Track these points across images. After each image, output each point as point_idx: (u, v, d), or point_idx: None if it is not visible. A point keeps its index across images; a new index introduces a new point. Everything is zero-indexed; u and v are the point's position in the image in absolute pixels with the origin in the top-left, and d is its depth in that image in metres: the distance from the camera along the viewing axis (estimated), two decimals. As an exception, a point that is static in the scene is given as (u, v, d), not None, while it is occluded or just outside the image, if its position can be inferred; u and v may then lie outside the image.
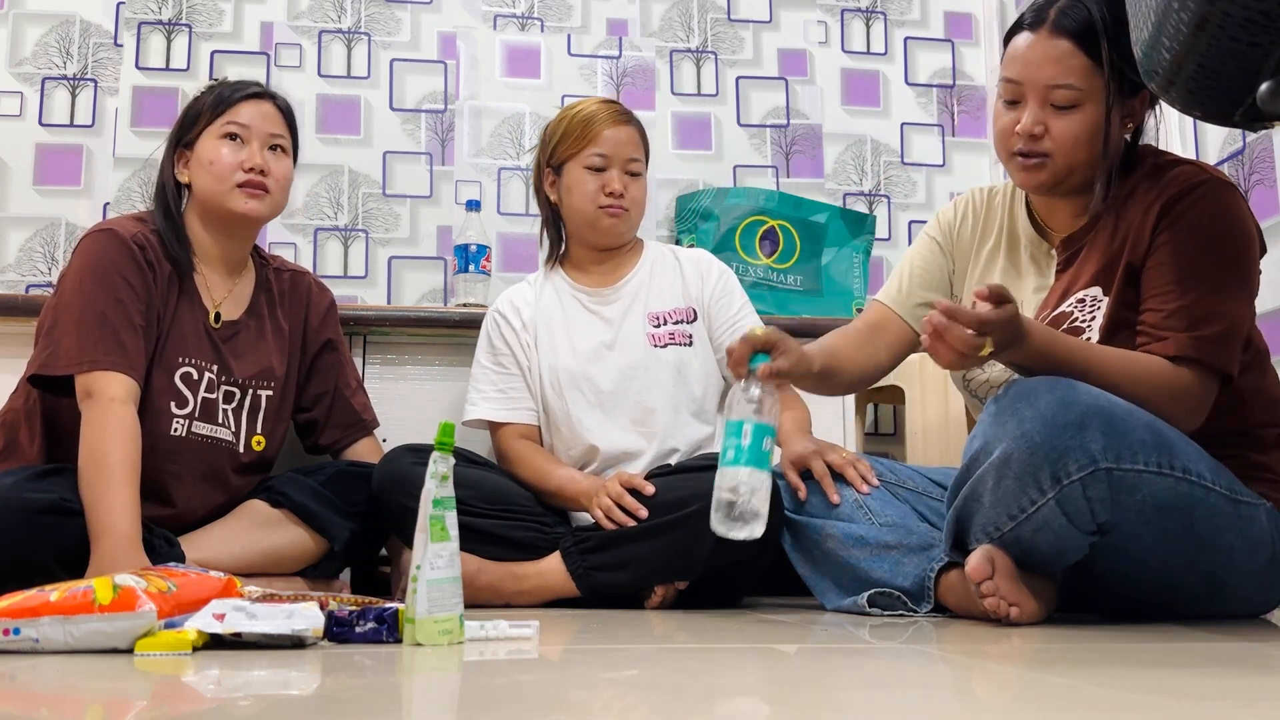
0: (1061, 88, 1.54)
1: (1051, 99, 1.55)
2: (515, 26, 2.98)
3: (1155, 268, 1.54)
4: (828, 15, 3.08)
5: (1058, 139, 1.56)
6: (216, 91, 1.96)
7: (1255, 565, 1.49)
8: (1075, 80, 1.54)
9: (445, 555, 1.20)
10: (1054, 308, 1.62)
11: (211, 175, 1.90)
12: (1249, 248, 1.55)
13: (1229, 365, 1.51)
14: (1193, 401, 1.49)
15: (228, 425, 1.94)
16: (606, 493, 1.86)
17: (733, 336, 2.10)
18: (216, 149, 1.91)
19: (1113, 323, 1.55)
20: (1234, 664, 1.11)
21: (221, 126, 1.92)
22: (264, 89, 1.99)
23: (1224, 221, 1.53)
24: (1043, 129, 1.56)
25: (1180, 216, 1.53)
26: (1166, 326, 1.50)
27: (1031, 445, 1.37)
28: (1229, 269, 1.52)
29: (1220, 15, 1.11)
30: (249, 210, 1.91)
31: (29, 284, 2.71)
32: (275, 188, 1.94)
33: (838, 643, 1.33)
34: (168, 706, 0.89)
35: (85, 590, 1.12)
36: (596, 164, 2.09)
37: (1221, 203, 1.54)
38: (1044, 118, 1.56)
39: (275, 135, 1.96)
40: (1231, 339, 1.51)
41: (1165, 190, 1.55)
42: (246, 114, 1.93)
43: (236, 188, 1.90)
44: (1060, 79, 1.54)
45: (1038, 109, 1.57)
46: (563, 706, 0.84)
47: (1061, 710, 0.81)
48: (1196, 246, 1.51)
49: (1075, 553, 1.44)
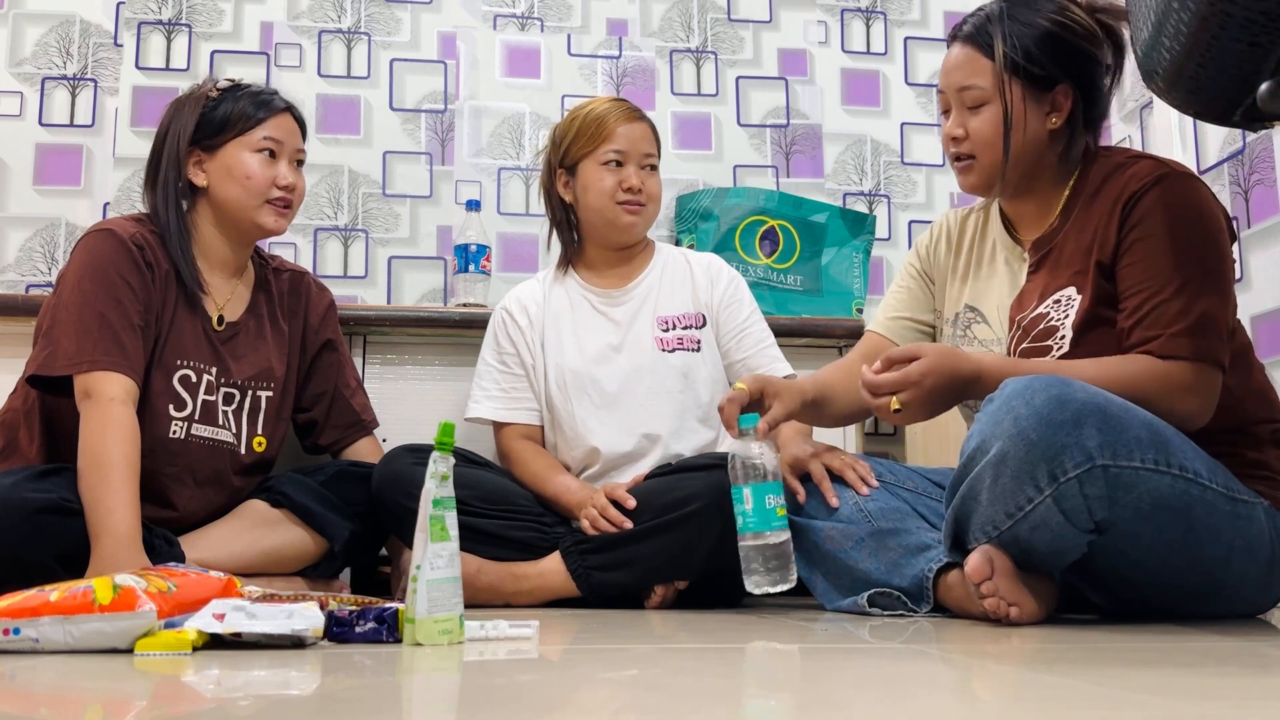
0: (967, 89, 1.65)
1: (964, 101, 1.66)
2: (515, 26, 2.98)
3: (1129, 267, 1.55)
4: (828, 15, 3.08)
5: (974, 138, 1.65)
6: (242, 101, 1.94)
7: (1254, 564, 1.49)
8: (978, 80, 1.64)
9: (445, 555, 1.20)
10: (1031, 309, 1.64)
11: (244, 189, 1.91)
12: (1219, 236, 1.56)
13: (1219, 354, 1.52)
14: (1195, 397, 1.50)
15: (228, 427, 1.94)
16: (593, 504, 1.87)
17: (739, 344, 2.12)
18: (251, 163, 1.91)
19: (1086, 320, 1.57)
20: (1234, 664, 1.11)
21: (257, 141, 1.92)
22: (288, 102, 2.00)
23: (1190, 213, 1.55)
24: (962, 131, 1.66)
25: (1146, 213, 1.55)
26: (1149, 327, 1.52)
27: (1028, 443, 1.37)
28: (1201, 260, 1.53)
29: (1220, 15, 1.11)
30: (277, 228, 1.95)
31: (29, 284, 2.71)
32: (297, 202, 1.98)
33: (838, 643, 1.33)
34: (168, 706, 0.89)
35: (85, 590, 1.12)
36: (613, 160, 2.09)
37: (1185, 194, 1.56)
38: (963, 120, 1.67)
39: (299, 151, 1.99)
40: (1214, 328, 1.52)
41: (1127, 186, 1.57)
42: (278, 129, 1.94)
43: (267, 203, 1.92)
44: (965, 80, 1.65)
45: (958, 113, 1.68)
46: (563, 706, 0.84)
47: (1061, 710, 0.81)
48: (1166, 242, 1.53)
49: (1073, 552, 1.44)
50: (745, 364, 2.10)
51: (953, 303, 1.81)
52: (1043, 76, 1.62)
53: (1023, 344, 1.63)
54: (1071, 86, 1.63)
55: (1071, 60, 1.63)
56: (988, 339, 1.72)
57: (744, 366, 2.10)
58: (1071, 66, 1.63)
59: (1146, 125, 2.65)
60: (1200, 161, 2.40)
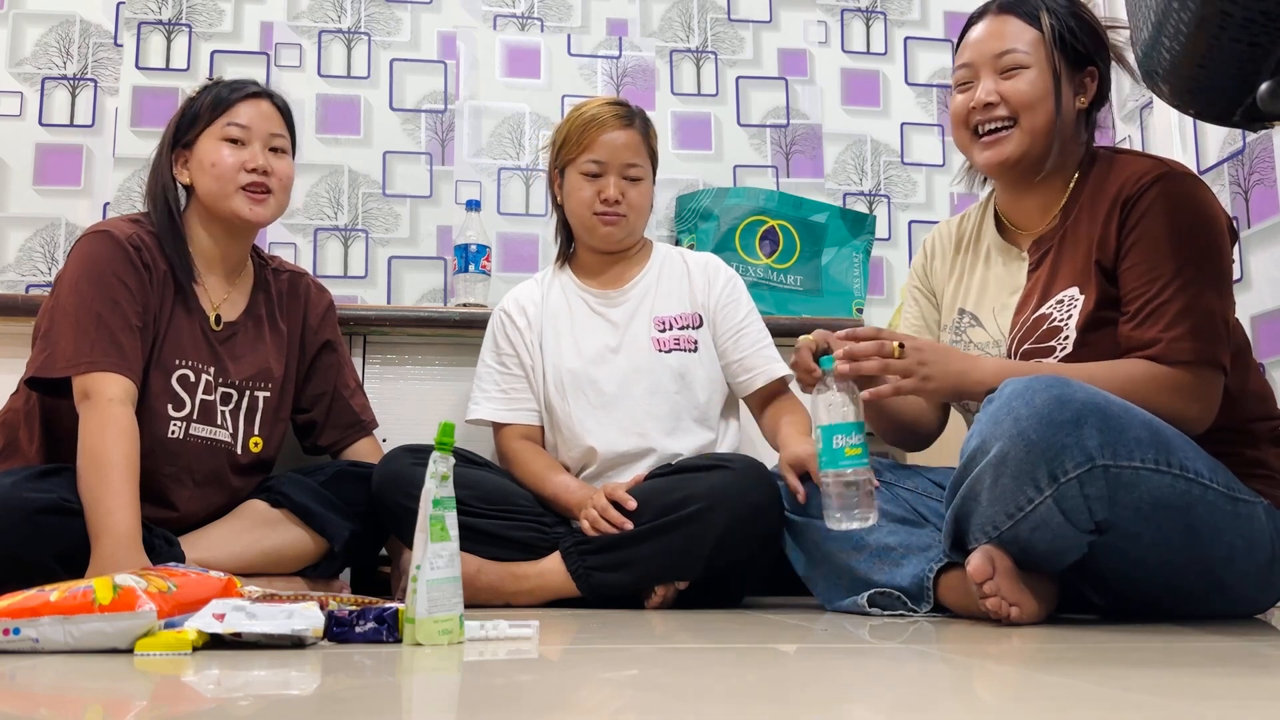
0: (1008, 53, 1.63)
1: (1000, 66, 1.63)
2: (515, 26, 2.98)
3: (1129, 269, 1.55)
4: (828, 15, 3.08)
5: (1014, 100, 1.62)
6: (214, 91, 1.94)
7: (1254, 563, 1.49)
8: (1020, 45, 1.63)
9: (445, 555, 1.20)
10: (1033, 310, 1.63)
11: (213, 177, 1.90)
12: (1219, 236, 1.55)
13: (1220, 357, 1.52)
14: (1198, 402, 1.50)
15: (225, 427, 1.94)
16: (593, 505, 1.87)
17: (736, 345, 2.11)
18: (217, 150, 1.90)
19: (1090, 321, 1.57)
20: (1234, 664, 1.11)
21: (222, 128, 1.91)
22: (262, 88, 1.98)
23: (1191, 214, 1.54)
24: (997, 97, 1.63)
25: (1146, 213, 1.54)
26: (1150, 330, 1.51)
27: (1028, 443, 1.37)
28: (1201, 261, 1.53)
29: (1220, 15, 1.11)
30: (254, 216, 1.92)
31: (29, 284, 2.71)
32: (278, 188, 1.94)
33: (838, 643, 1.33)
34: (168, 706, 0.89)
35: (85, 590, 1.12)
36: (592, 170, 2.08)
37: (1185, 194, 1.55)
38: (996, 86, 1.64)
39: (275, 135, 1.95)
40: (1215, 330, 1.52)
41: (1126, 186, 1.57)
42: (246, 114, 1.92)
43: (240, 190, 1.90)
44: (1006, 45, 1.64)
45: (990, 81, 1.64)
46: (563, 706, 0.84)
47: (1061, 710, 0.81)
48: (1166, 244, 1.53)
49: (1074, 552, 1.44)
50: (742, 364, 2.10)
51: (949, 308, 1.81)
52: (1081, 54, 1.63)
53: (1025, 344, 1.63)
54: (1098, 70, 1.65)
55: (1099, 44, 1.66)
56: (983, 342, 1.72)
57: (741, 367, 2.10)
58: (1099, 50, 1.66)
59: (1146, 125, 2.65)
60: (1200, 161, 2.40)
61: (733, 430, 2.14)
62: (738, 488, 1.79)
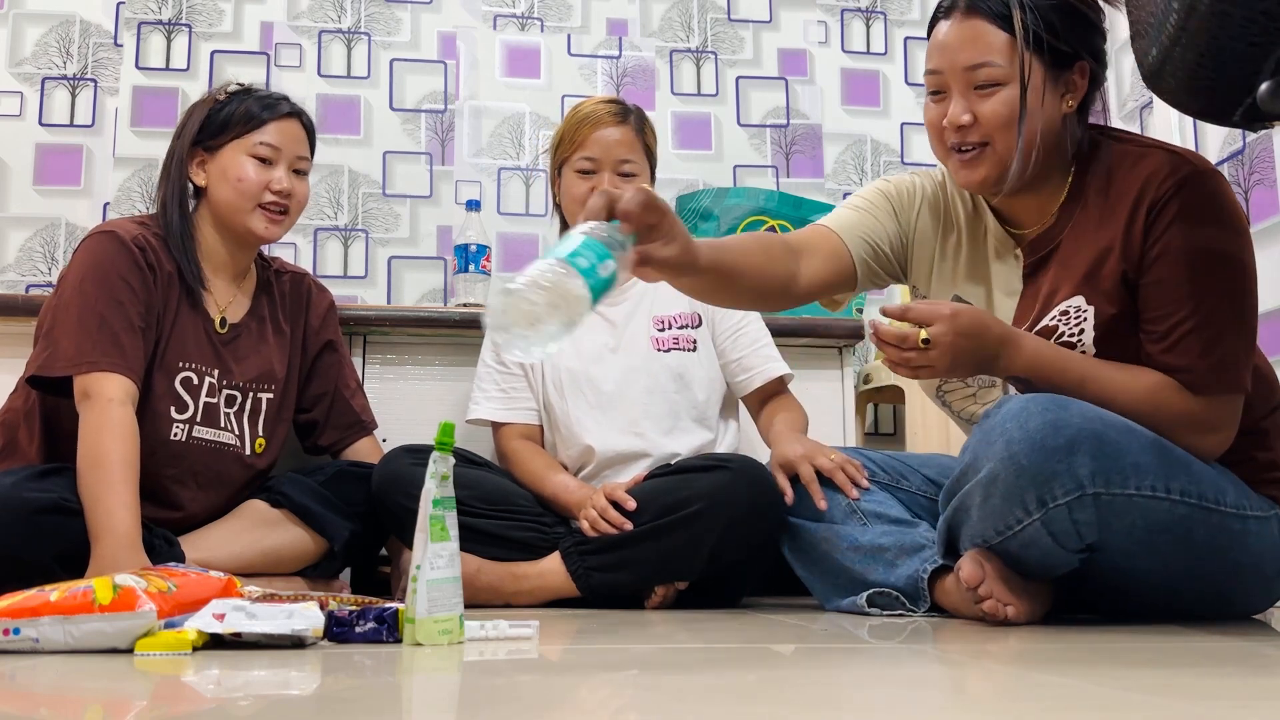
0: (982, 66, 1.45)
1: (974, 81, 1.46)
2: (515, 26, 2.98)
3: (1153, 285, 1.45)
4: (828, 15, 3.08)
5: (989, 122, 1.46)
6: (246, 104, 1.93)
7: (1260, 575, 1.48)
8: (995, 57, 1.45)
9: (445, 555, 1.20)
10: (1036, 320, 1.52)
11: (236, 191, 1.90)
12: (1245, 245, 1.47)
13: (1245, 381, 1.46)
14: (1223, 431, 1.46)
15: (230, 429, 1.94)
16: (592, 505, 1.87)
17: (734, 344, 2.11)
18: (244, 166, 1.90)
19: (1105, 334, 1.47)
20: (1234, 664, 1.11)
21: (251, 145, 1.91)
22: (294, 106, 1.98)
23: (1218, 224, 1.44)
24: (970, 117, 1.46)
25: (1173, 223, 1.43)
26: (1180, 356, 1.44)
27: (1018, 468, 1.34)
28: (1230, 281, 1.44)
29: (1220, 15, 1.11)
30: (268, 234, 1.93)
31: (29, 284, 2.71)
32: (294, 209, 1.96)
33: (837, 643, 1.33)
34: (168, 706, 0.89)
35: (85, 590, 1.12)
36: (586, 168, 2.08)
37: (1211, 198, 1.45)
38: (970, 104, 1.46)
39: (301, 158, 1.97)
40: (1247, 354, 1.46)
41: (1148, 189, 1.45)
42: (277, 134, 1.93)
43: (259, 208, 1.91)
44: (979, 58, 1.45)
45: (962, 97, 1.47)
46: (563, 706, 0.84)
47: (1060, 710, 0.81)
48: (1197, 258, 1.43)
49: (1064, 567, 1.43)
50: (740, 363, 2.10)
51: (942, 285, 1.66)
52: (1065, 53, 1.46)
53: None
54: (1088, 64, 1.49)
55: (1089, 33, 1.49)
56: None
57: (739, 366, 2.10)
58: (1088, 41, 1.49)
59: (1146, 125, 2.65)
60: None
61: (732, 430, 2.14)
62: (737, 488, 1.78)
